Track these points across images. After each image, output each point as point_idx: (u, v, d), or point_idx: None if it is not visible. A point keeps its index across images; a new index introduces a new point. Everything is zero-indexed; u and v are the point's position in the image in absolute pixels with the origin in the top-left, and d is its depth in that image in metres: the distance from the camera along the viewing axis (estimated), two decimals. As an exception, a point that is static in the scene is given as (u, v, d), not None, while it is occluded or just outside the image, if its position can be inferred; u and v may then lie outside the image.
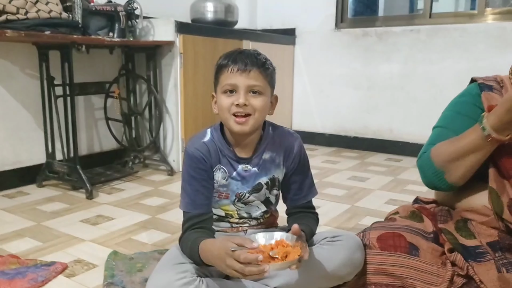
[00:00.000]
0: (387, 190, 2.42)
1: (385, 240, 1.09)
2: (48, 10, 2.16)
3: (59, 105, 2.34)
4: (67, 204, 2.13)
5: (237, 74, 1.09)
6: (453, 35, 3.05)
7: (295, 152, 1.23)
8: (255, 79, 1.10)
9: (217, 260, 1.00)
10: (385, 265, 1.06)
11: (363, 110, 3.49)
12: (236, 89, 1.10)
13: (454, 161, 1.06)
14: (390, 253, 1.06)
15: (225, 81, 1.12)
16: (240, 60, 1.10)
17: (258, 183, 1.22)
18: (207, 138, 1.19)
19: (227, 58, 1.13)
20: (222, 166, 1.19)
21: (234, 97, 1.10)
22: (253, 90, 1.11)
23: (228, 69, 1.11)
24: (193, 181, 1.16)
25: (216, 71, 1.16)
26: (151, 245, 1.67)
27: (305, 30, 3.68)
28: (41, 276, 1.39)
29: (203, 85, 2.82)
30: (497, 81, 1.13)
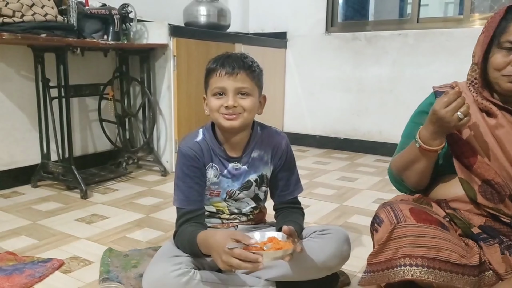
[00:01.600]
0: (375, 190, 2.48)
1: (418, 214, 1.07)
2: (44, 13, 2.20)
3: (54, 107, 2.37)
4: (62, 204, 2.17)
5: (225, 78, 1.16)
6: (440, 39, 3.14)
7: (282, 150, 1.30)
8: (242, 82, 1.16)
9: (213, 252, 1.06)
10: (423, 237, 1.01)
11: (353, 112, 3.56)
12: (225, 91, 1.16)
13: (404, 170, 1.20)
14: (426, 225, 1.03)
15: (214, 84, 1.17)
16: (227, 64, 1.16)
17: (247, 180, 1.28)
18: (200, 137, 1.25)
19: (216, 62, 1.19)
20: (214, 164, 1.24)
21: (223, 99, 1.17)
22: (241, 92, 1.17)
23: (217, 73, 1.17)
24: (186, 179, 1.21)
25: (206, 75, 1.22)
26: (145, 243, 1.72)
27: (296, 34, 3.75)
28: (38, 272, 1.43)
29: (196, 87, 2.87)
30: (452, 87, 1.18)
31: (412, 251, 1.01)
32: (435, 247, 1.00)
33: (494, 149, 1.11)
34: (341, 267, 1.30)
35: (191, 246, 1.14)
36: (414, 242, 1.01)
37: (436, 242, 1.01)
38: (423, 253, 1.00)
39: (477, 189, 1.12)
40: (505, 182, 1.10)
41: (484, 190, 1.11)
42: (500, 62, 1.08)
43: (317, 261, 1.21)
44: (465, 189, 1.14)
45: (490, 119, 1.13)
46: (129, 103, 2.86)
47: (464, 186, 1.14)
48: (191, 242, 1.14)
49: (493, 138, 1.11)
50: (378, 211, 1.12)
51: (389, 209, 1.09)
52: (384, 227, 1.05)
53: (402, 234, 1.02)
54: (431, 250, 1.00)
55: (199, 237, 1.12)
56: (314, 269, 1.23)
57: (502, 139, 1.11)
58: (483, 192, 1.11)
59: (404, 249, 1.01)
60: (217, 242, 1.05)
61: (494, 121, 1.12)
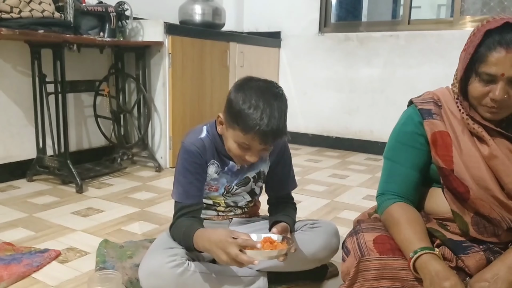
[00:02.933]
0: (365, 187, 2.54)
1: (382, 244, 1.06)
2: (41, 9, 2.23)
3: (50, 102, 2.41)
4: (57, 198, 2.20)
5: (258, 144, 1.12)
6: (430, 41, 3.21)
7: (281, 147, 1.34)
8: (270, 146, 1.17)
9: (213, 246, 1.07)
10: (386, 269, 1.02)
11: (344, 111, 3.63)
12: (251, 148, 1.14)
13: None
14: (389, 256, 1.03)
15: (243, 140, 1.12)
16: (267, 133, 1.09)
17: (246, 177, 1.32)
18: (204, 134, 1.27)
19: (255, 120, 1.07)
20: (215, 161, 1.28)
21: (246, 152, 1.15)
22: (267, 149, 1.18)
23: (253, 137, 1.10)
24: (187, 174, 1.24)
25: (237, 117, 1.11)
26: (141, 235, 1.76)
27: (290, 33, 3.80)
28: (36, 261, 1.47)
29: (191, 85, 2.92)
30: (434, 101, 1.12)
31: (378, 284, 1.02)
32: (399, 278, 1.02)
33: (489, 182, 1.03)
34: (330, 258, 1.35)
35: (186, 239, 1.17)
36: (378, 275, 1.02)
37: (399, 274, 1.02)
38: (388, 285, 1.02)
39: (470, 222, 1.07)
40: (501, 216, 1.04)
41: (477, 223, 1.07)
42: (478, 92, 1.01)
43: (307, 253, 1.26)
44: (457, 222, 1.10)
45: (482, 146, 1.05)
46: (124, 100, 2.89)
47: (456, 219, 1.09)
48: (187, 236, 1.16)
49: (488, 170, 1.04)
50: (346, 240, 1.13)
51: (355, 240, 1.09)
52: (350, 260, 1.08)
53: (367, 268, 1.03)
54: (395, 282, 1.02)
55: (197, 234, 1.14)
56: (305, 260, 1.28)
57: (498, 170, 1.03)
58: (475, 225, 1.07)
59: (370, 282, 1.03)
60: (219, 235, 1.07)
61: (487, 149, 1.05)
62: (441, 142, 1.08)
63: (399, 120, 1.18)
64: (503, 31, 0.95)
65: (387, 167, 1.18)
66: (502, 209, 1.05)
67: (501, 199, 1.04)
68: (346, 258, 1.10)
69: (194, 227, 1.17)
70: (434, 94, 1.14)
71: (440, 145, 1.08)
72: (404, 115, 1.17)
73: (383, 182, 1.18)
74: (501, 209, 1.05)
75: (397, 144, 1.15)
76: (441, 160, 1.08)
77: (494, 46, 0.95)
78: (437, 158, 1.09)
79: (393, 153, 1.16)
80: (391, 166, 1.16)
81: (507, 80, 0.96)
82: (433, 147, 1.09)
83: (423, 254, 0.98)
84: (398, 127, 1.16)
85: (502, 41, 0.94)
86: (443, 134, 1.08)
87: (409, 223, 1.05)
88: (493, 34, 0.96)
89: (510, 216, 1.05)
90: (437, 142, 1.09)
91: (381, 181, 1.19)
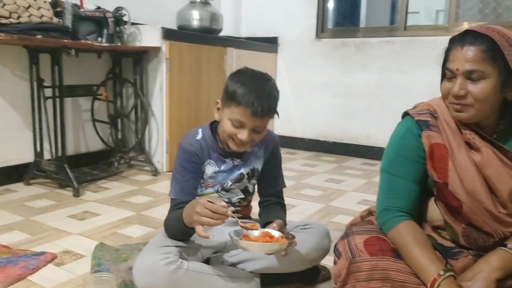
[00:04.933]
0: (361, 192, 2.56)
1: (372, 245, 1.08)
2: (40, 15, 2.26)
3: (48, 106, 2.43)
4: (54, 201, 2.22)
5: (249, 116, 1.20)
6: (426, 47, 3.24)
7: (273, 146, 1.42)
8: (262, 122, 1.24)
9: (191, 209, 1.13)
10: (376, 270, 1.04)
11: (341, 116, 3.65)
12: (243, 126, 1.23)
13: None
14: (379, 258, 1.06)
15: (236, 116, 1.22)
16: (257, 106, 1.19)
17: (240, 173, 1.37)
18: (200, 136, 1.35)
19: (247, 94, 1.19)
20: (212, 161, 1.34)
21: (238, 130, 1.24)
22: (258, 130, 1.25)
23: (244, 109, 1.20)
24: (184, 172, 1.30)
25: (231, 96, 1.22)
26: (136, 238, 1.78)
27: (287, 39, 3.83)
28: (32, 264, 1.48)
29: (188, 90, 2.94)
30: (430, 112, 1.14)
31: (368, 285, 1.04)
32: (388, 279, 1.03)
33: (482, 195, 1.05)
34: (321, 259, 1.37)
35: (177, 220, 1.21)
36: (369, 276, 1.04)
37: (388, 274, 1.04)
38: (379, 286, 1.04)
39: (460, 233, 1.10)
40: (494, 229, 1.06)
41: (467, 235, 1.09)
42: (444, 90, 1.07)
43: (299, 254, 1.28)
44: (447, 231, 1.13)
45: (475, 155, 1.07)
46: (122, 104, 2.92)
47: (447, 229, 1.12)
48: (177, 218, 1.21)
49: (482, 181, 1.06)
50: (338, 243, 1.15)
51: (346, 243, 1.12)
52: (341, 262, 1.10)
53: (358, 269, 1.05)
54: (385, 282, 1.04)
55: (183, 212, 1.19)
56: (297, 261, 1.30)
57: (492, 178, 1.05)
58: (466, 236, 1.10)
59: (360, 283, 1.05)
60: (196, 200, 1.14)
61: (479, 156, 1.06)
62: (438, 155, 1.10)
63: (397, 132, 1.18)
64: (464, 34, 1.05)
65: (387, 181, 1.17)
66: (494, 221, 1.07)
67: (494, 212, 1.06)
68: (338, 261, 1.12)
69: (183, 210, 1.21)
70: (429, 105, 1.15)
71: (436, 157, 1.10)
72: (401, 127, 1.16)
73: (385, 196, 1.17)
74: (494, 222, 1.07)
75: (397, 158, 1.15)
76: (436, 173, 1.10)
77: (455, 46, 1.04)
78: (432, 172, 1.10)
79: (394, 167, 1.15)
80: (392, 180, 1.16)
81: (463, 75, 1.02)
82: (429, 160, 1.11)
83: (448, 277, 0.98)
84: (398, 140, 1.15)
85: (460, 41, 1.03)
86: (440, 146, 1.10)
87: (420, 246, 1.05)
88: (456, 38, 1.06)
89: (503, 228, 1.07)
90: (434, 154, 1.10)
91: (381, 195, 1.18)
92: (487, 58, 0.99)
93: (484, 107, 1.03)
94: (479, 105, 1.02)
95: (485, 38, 1.01)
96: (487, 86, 1.00)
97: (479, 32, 1.02)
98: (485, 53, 0.99)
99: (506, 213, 1.07)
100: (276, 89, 1.27)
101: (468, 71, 1.01)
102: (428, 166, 1.11)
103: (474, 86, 1.01)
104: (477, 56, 1.00)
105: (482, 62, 1.00)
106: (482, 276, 0.99)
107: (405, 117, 1.18)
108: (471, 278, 1.00)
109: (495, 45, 1.00)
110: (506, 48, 1.00)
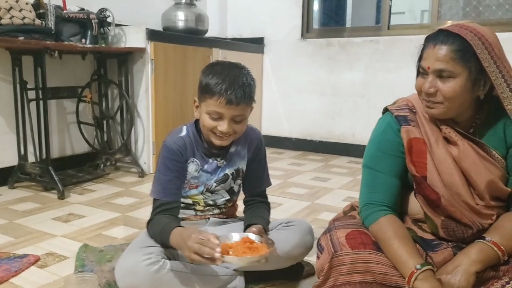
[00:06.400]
0: (346, 189, 2.59)
1: (353, 239, 1.10)
2: (22, 16, 2.24)
3: (32, 109, 2.41)
4: (39, 204, 2.20)
5: (225, 106, 1.19)
6: (409, 45, 3.26)
7: (257, 144, 1.40)
8: (240, 110, 1.22)
9: (182, 243, 1.12)
10: (357, 263, 1.06)
11: (327, 115, 3.67)
12: (222, 117, 1.22)
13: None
14: (360, 251, 1.07)
15: (212, 107, 1.21)
16: (231, 93, 1.17)
17: (225, 174, 1.37)
18: (184, 133, 1.33)
19: (219, 84, 1.18)
20: (195, 160, 1.33)
21: (218, 122, 1.22)
22: (236, 119, 1.24)
23: (218, 98, 1.18)
24: (167, 172, 1.29)
25: (205, 89, 1.22)
26: (121, 239, 1.77)
27: (273, 39, 3.85)
28: (15, 267, 1.47)
29: (174, 90, 2.94)
30: (409, 107, 1.16)
31: (351, 278, 1.06)
32: (370, 271, 1.06)
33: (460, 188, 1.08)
34: (305, 256, 1.38)
35: (163, 236, 1.20)
36: (351, 269, 1.06)
37: (370, 267, 1.06)
38: (360, 279, 1.06)
39: (440, 225, 1.12)
40: (472, 221, 1.09)
41: (446, 227, 1.11)
42: (417, 86, 1.10)
43: (282, 251, 1.29)
44: (427, 223, 1.15)
45: (452, 148, 1.10)
46: (107, 106, 2.90)
47: (427, 221, 1.15)
48: (163, 232, 1.20)
49: (460, 174, 1.08)
50: (320, 238, 1.18)
51: (328, 237, 1.14)
52: (324, 256, 1.12)
53: (340, 263, 1.07)
54: (366, 275, 1.06)
55: (174, 232, 1.17)
56: (280, 258, 1.31)
57: (469, 171, 1.08)
58: (445, 228, 1.12)
59: (343, 277, 1.07)
60: (188, 234, 1.11)
61: (456, 150, 1.09)
62: (416, 149, 1.12)
63: (377, 128, 1.20)
64: (437, 33, 1.06)
65: (369, 176, 1.19)
66: (472, 213, 1.09)
67: (471, 204, 1.08)
68: (320, 255, 1.15)
69: (172, 225, 1.20)
70: (408, 100, 1.19)
71: (415, 152, 1.12)
72: (382, 123, 1.19)
73: (367, 192, 1.18)
74: (472, 214, 1.09)
75: (378, 153, 1.17)
76: (415, 167, 1.12)
77: (428, 45, 1.06)
78: (411, 166, 1.13)
79: (375, 162, 1.17)
80: (373, 175, 1.17)
81: (434, 73, 1.04)
82: (408, 154, 1.13)
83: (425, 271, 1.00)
84: (379, 135, 1.18)
85: (433, 39, 1.06)
86: (419, 140, 1.13)
87: (400, 240, 1.07)
88: (430, 36, 1.08)
89: (481, 220, 1.09)
90: (413, 149, 1.13)
91: (363, 190, 1.20)
92: (457, 57, 1.02)
93: (454, 104, 1.05)
94: (448, 103, 1.05)
95: (456, 38, 1.03)
96: (456, 85, 1.03)
97: (452, 31, 1.04)
98: (455, 52, 1.02)
99: (484, 205, 1.10)
100: (250, 77, 1.24)
101: (438, 70, 1.03)
102: (407, 160, 1.13)
103: (444, 85, 1.04)
104: (447, 56, 1.02)
105: (452, 61, 1.02)
106: (462, 269, 1.01)
107: (385, 113, 1.21)
108: (451, 271, 1.02)
109: (467, 44, 1.02)
110: (479, 47, 1.02)
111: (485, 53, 1.02)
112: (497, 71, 1.03)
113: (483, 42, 1.03)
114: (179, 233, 1.16)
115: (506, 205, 1.13)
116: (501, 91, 1.05)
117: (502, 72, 1.04)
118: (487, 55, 1.02)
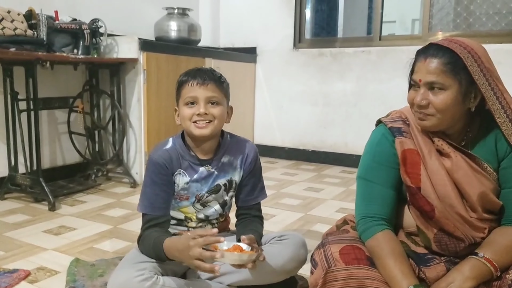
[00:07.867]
0: (339, 200, 2.59)
1: (347, 254, 1.10)
2: (13, 27, 2.23)
3: (23, 119, 2.39)
4: (29, 216, 2.18)
5: (196, 87, 1.26)
6: (401, 56, 3.30)
7: (252, 157, 1.40)
8: (212, 91, 1.27)
9: (180, 253, 1.13)
10: (351, 279, 1.06)
11: (320, 125, 3.69)
12: (197, 100, 1.27)
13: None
14: (354, 266, 1.07)
15: (186, 94, 1.28)
16: (198, 76, 1.28)
17: (216, 184, 1.36)
18: (169, 145, 1.34)
19: (187, 75, 1.31)
20: (182, 171, 1.32)
21: (195, 108, 1.27)
22: (212, 101, 1.28)
23: (189, 83, 1.28)
24: (154, 186, 1.29)
25: (178, 87, 1.33)
26: (113, 253, 1.75)
27: (265, 49, 3.87)
28: (4, 282, 1.45)
29: (166, 100, 2.93)
30: (402, 119, 1.18)
31: None
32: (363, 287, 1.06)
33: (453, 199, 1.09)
34: (298, 270, 1.38)
35: (156, 251, 1.20)
36: (345, 285, 1.06)
37: (364, 283, 1.06)
38: None
39: (432, 238, 1.13)
40: (465, 234, 1.09)
41: (439, 240, 1.12)
42: (409, 99, 1.11)
43: (276, 265, 1.29)
44: (420, 237, 1.16)
45: (445, 160, 1.11)
46: (99, 116, 2.89)
47: (420, 234, 1.15)
48: (156, 247, 1.19)
49: (453, 186, 1.09)
50: (314, 253, 1.18)
51: (322, 252, 1.14)
52: (317, 272, 1.11)
53: (334, 278, 1.07)
54: None
55: (166, 245, 1.18)
56: (274, 272, 1.30)
57: (462, 182, 1.09)
58: (437, 242, 1.13)
59: None
60: (183, 243, 1.13)
61: (449, 162, 1.10)
62: (410, 160, 1.13)
63: (372, 139, 1.21)
64: (428, 47, 1.09)
65: (365, 188, 1.19)
66: (465, 225, 1.10)
67: (465, 216, 1.09)
68: (314, 270, 1.14)
69: (162, 239, 1.20)
70: (401, 112, 1.20)
71: (409, 163, 1.13)
72: (376, 134, 1.20)
73: (363, 204, 1.18)
74: (465, 226, 1.10)
75: (374, 164, 1.17)
76: (409, 178, 1.13)
77: (419, 58, 1.09)
78: (405, 177, 1.13)
79: (371, 173, 1.17)
80: (369, 186, 1.17)
81: (425, 86, 1.06)
82: (403, 165, 1.14)
83: None
84: (373, 147, 1.18)
85: (424, 53, 1.08)
86: (412, 152, 1.14)
87: (396, 258, 1.07)
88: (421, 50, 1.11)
89: (474, 233, 1.10)
90: (407, 160, 1.13)
91: (359, 202, 1.20)
92: (447, 70, 1.04)
93: (445, 116, 1.07)
94: (440, 115, 1.07)
95: (447, 51, 1.05)
96: (447, 97, 1.05)
97: (442, 45, 1.06)
98: (445, 65, 1.04)
99: (477, 218, 1.10)
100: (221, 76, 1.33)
101: (429, 82, 1.05)
102: (401, 171, 1.14)
103: (435, 97, 1.06)
104: (438, 68, 1.04)
105: (442, 74, 1.04)
106: (455, 286, 1.01)
107: (378, 125, 1.22)
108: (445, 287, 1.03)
109: (457, 57, 1.04)
110: (469, 60, 1.04)
111: (475, 65, 1.04)
112: (487, 83, 1.05)
113: (473, 55, 1.05)
114: (172, 246, 1.16)
115: (498, 218, 1.13)
116: (491, 103, 1.06)
117: (491, 84, 1.05)
118: (476, 67, 1.04)
